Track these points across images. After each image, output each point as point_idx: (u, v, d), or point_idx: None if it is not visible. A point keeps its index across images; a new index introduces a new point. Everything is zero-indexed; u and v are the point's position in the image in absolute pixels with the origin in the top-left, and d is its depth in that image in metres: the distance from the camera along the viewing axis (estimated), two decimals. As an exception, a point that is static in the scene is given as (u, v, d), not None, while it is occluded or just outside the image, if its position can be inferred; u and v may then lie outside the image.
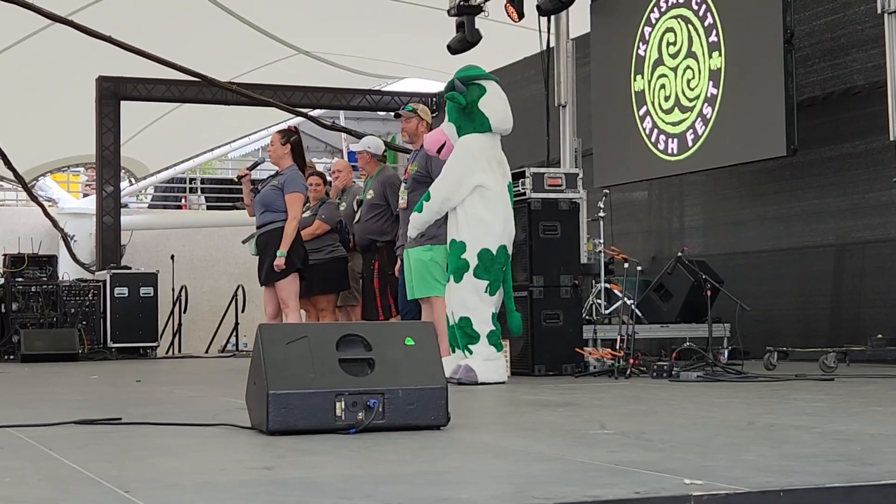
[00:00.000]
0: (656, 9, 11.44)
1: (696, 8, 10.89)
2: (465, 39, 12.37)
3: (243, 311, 15.91)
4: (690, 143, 10.91)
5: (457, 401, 4.45)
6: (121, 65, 14.99)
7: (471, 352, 7.03)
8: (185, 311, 16.17)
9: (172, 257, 16.69)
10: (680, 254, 10.28)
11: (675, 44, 11.18)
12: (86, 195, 21.98)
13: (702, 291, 8.93)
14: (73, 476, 3.00)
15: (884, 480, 2.66)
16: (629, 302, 9.38)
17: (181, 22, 15.99)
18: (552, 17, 12.15)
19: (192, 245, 19.88)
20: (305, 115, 16.66)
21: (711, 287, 8.72)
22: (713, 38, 10.66)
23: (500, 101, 7.35)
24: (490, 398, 6.12)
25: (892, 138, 8.77)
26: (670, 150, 11.18)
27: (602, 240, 10.02)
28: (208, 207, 23.64)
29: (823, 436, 3.76)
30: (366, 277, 9.50)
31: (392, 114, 11.64)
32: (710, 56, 10.69)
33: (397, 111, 8.79)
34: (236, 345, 15.91)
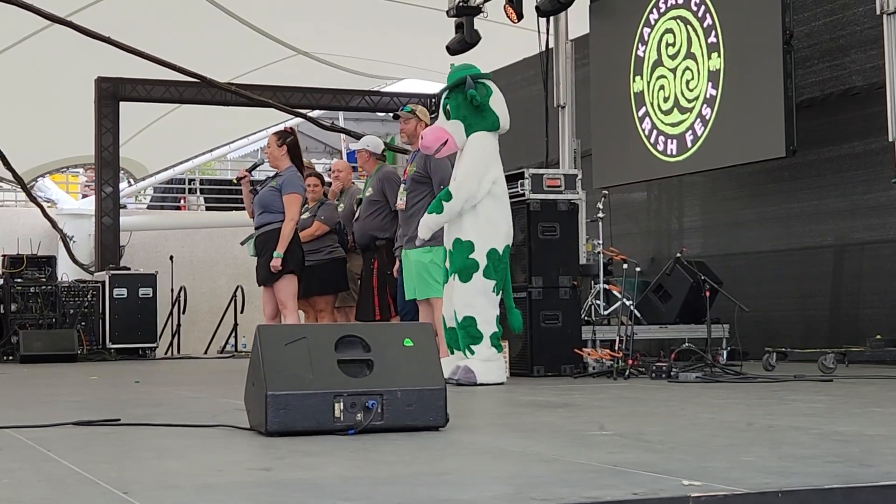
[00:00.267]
0: (655, 10, 11.45)
1: (695, 9, 10.89)
2: (465, 40, 12.38)
3: (242, 311, 15.91)
4: (689, 143, 10.91)
5: (456, 402, 4.45)
6: (120, 65, 15.00)
7: (472, 352, 7.02)
8: (184, 312, 16.17)
9: (171, 258, 16.68)
10: (679, 255, 10.29)
11: (674, 45, 11.19)
12: (85, 196, 22.01)
13: (701, 292, 8.93)
14: (72, 477, 3.00)
15: (882, 482, 2.66)
16: (628, 303, 9.38)
17: (180, 23, 16.00)
18: (551, 18, 12.16)
19: (191, 246, 19.89)
20: (304, 116, 16.66)
21: (710, 288, 8.72)
22: (712, 39, 10.67)
23: (503, 101, 7.37)
24: (489, 399, 6.12)
25: (891, 139, 8.77)
26: (669, 151, 11.18)
27: (601, 241, 10.02)
28: (207, 208, 23.66)
29: (822, 437, 3.76)
30: (365, 276, 9.50)
31: (391, 115, 11.65)
32: (710, 57, 10.69)
33: (396, 112, 8.78)
34: (235, 345, 15.91)
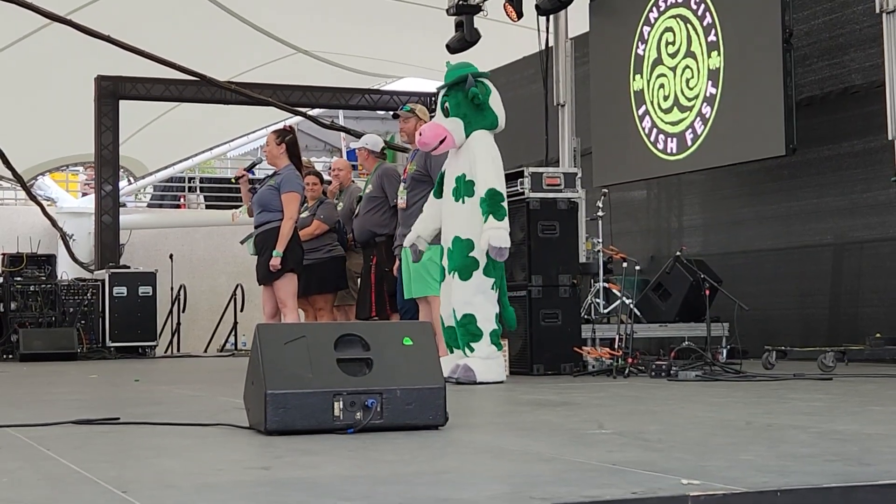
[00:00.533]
0: (655, 8, 11.44)
1: (694, 7, 10.89)
2: (464, 39, 12.36)
3: (242, 310, 15.92)
4: (689, 142, 10.91)
5: (455, 400, 4.45)
6: (119, 64, 15.00)
7: (472, 349, 7.01)
8: (183, 311, 16.17)
9: (171, 256, 16.68)
10: (678, 253, 10.28)
11: (674, 43, 11.18)
12: (84, 194, 22.01)
13: (700, 291, 8.93)
14: (72, 476, 3.00)
15: (881, 480, 2.66)
16: (628, 301, 9.37)
17: (180, 21, 16.01)
18: (551, 17, 12.15)
19: (191, 244, 19.89)
20: (304, 115, 16.67)
21: (710, 286, 8.72)
22: (712, 37, 10.66)
23: (500, 100, 7.38)
24: (488, 398, 6.12)
25: (891, 137, 8.77)
26: (669, 150, 11.18)
27: (601, 239, 10.01)
28: (207, 207, 23.66)
29: (821, 435, 3.76)
30: (364, 272, 9.50)
31: (391, 113, 11.64)
32: (709, 55, 10.69)
33: (396, 112, 8.78)
34: (235, 344, 15.91)
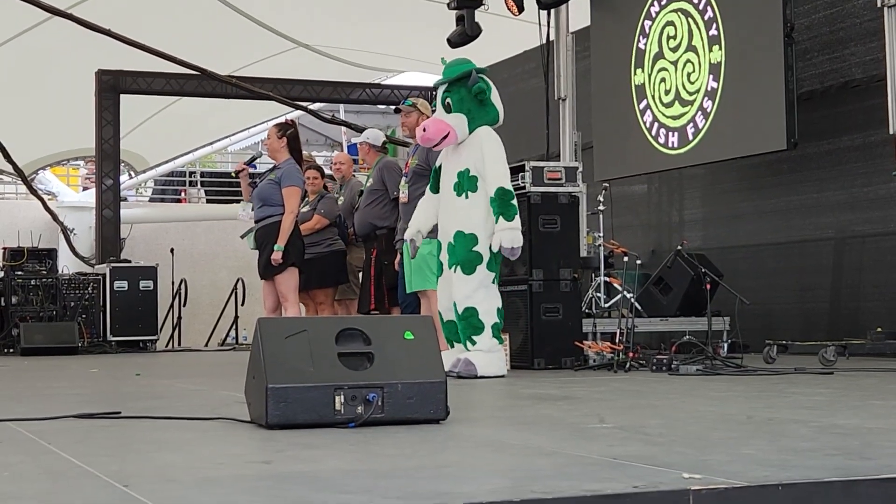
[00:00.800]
0: (656, 2, 11.42)
1: (696, 2, 10.87)
2: (465, 33, 12.35)
3: (243, 304, 15.93)
4: (691, 136, 10.90)
5: (456, 395, 4.45)
6: (120, 58, 14.98)
7: (474, 342, 7.01)
8: (184, 305, 16.18)
9: (172, 251, 16.69)
10: (679, 247, 10.28)
11: (675, 37, 11.17)
12: (85, 188, 22.03)
13: (701, 285, 8.93)
14: (73, 470, 3.00)
15: (882, 475, 2.65)
16: (629, 295, 9.37)
17: (181, 15, 16.00)
18: (552, 11, 12.14)
19: (192, 238, 19.90)
20: (305, 109, 16.66)
21: (711, 280, 8.72)
22: (713, 31, 10.65)
23: (498, 95, 7.37)
24: (489, 392, 6.12)
25: (892, 132, 8.76)
26: (670, 144, 11.17)
27: (602, 233, 10.01)
28: (208, 201, 23.68)
29: (822, 430, 3.76)
30: (364, 266, 9.50)
31: (392, 108, 11.63)
32: (711, 50, 10.68)
33: (397, 106, 8.77)
34: (236, 338, 15.92)
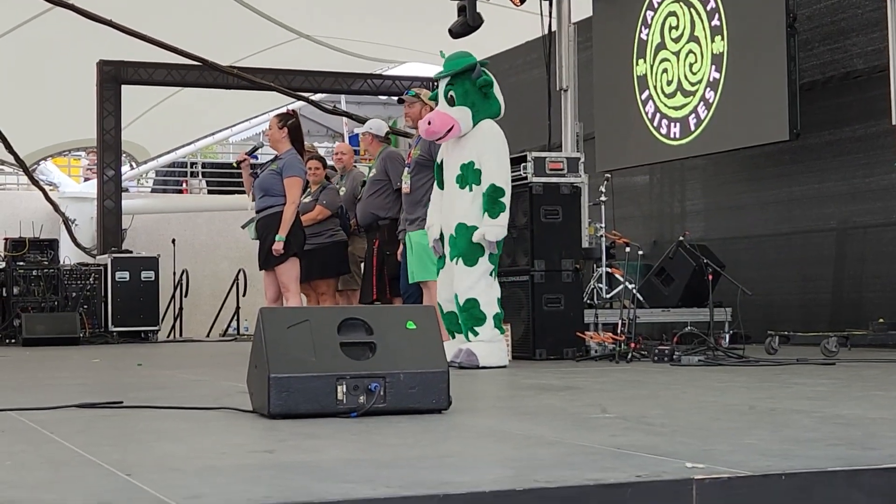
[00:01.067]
0: (658, -8, 11.41)
1: (698, -8, 10.86)
2: (467, 23, 12.32)
3: (244, 295, 15.92)
4: (693, 127, 10.89)
5: (458, 385, 4.45)
6: (122, 49, 14.96)
7: (476, 333, 7.03)
8: (186, 296, 16.18)
9: (173, 241, 16.68)
10: (681, 238, 10.28)
11: (677, 28, 11.16)
12: (87, 179, 22.01)
13: (703, 276, 8.93)
14: (75, 459, 3.00)
15: (885, 465, 2.65)
16: (630, 286, 9.37)
17: (182, 6, 15.97)
18: (554, 1, 12.11)
19: (194, 229, 19.89)
20: (307, 100, 16.63)
21: (713, 271, 8.72)
22: (716, 21, 10.64)
23: (498, 88, 7.37)
24: (491, 382, 6.12)
25: (894, 122, 8.74)
26: (672, 135, 11.16)
27: (603, 224, 10.00)
28: (209, 191, 23.66)
29: (824, 420, 3.76)
30: (366, 256, 9.49)
31: (394, 98, 11.61)
32: (713, 40, 10.66)
33: (400, 96, 8.76)
34: (237, 329, 15.92)
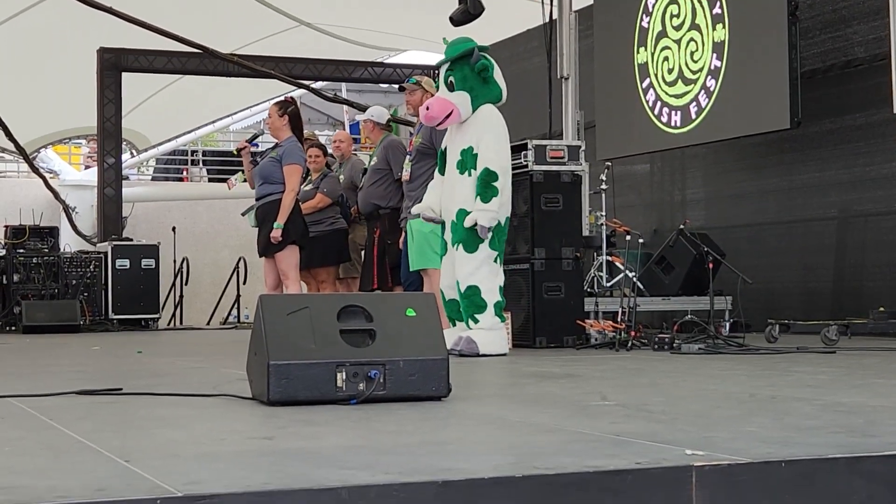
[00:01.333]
0: (659, -20, 11.39)
1: (699, -21, 10.84)
2: (468, 11, 12.28)
3: (244, 283, 15.92)
4: (694, 115, 10.88)
5: (458, 372, 4.45)
6: (122, 36, 14.94)
7: (477, 321, 7.03)
8: (186, 283, 16.18)
9: (174, 229, 16.67)
10: (682, 226, 10.28)
11: (678, 16, 11.13)
12: (87, 167, 21.98)
13: (703, 264, 8.92)
14: (74, 446, 3.00)
15: (886, 451, 2.65)
16: (631, 274, 9.37)
17: (183, -7, 15.93)
18: (555, -11, 12.10)
19: (194, 217, 19.88)
20: (307, 87, 16.61)
21: (713, 260, 8.72)
22: (717, 9, 10.61)
23: (500, 73, 7.35)
24: (491, 370, 6.12)
25: (895, 111, 8.73)
26: (673, 123, 11.15)
27: (604, 212, 9.99)
28: (210, 180, 23.63)
29: (825, 408, 3.76)
30: (367, 245, 9.49)
31: (395, 86, 11.60)
32: (714, 28, 10.64)
33: (401, 84, 8.74)
34: (238, 317, 15.93)
